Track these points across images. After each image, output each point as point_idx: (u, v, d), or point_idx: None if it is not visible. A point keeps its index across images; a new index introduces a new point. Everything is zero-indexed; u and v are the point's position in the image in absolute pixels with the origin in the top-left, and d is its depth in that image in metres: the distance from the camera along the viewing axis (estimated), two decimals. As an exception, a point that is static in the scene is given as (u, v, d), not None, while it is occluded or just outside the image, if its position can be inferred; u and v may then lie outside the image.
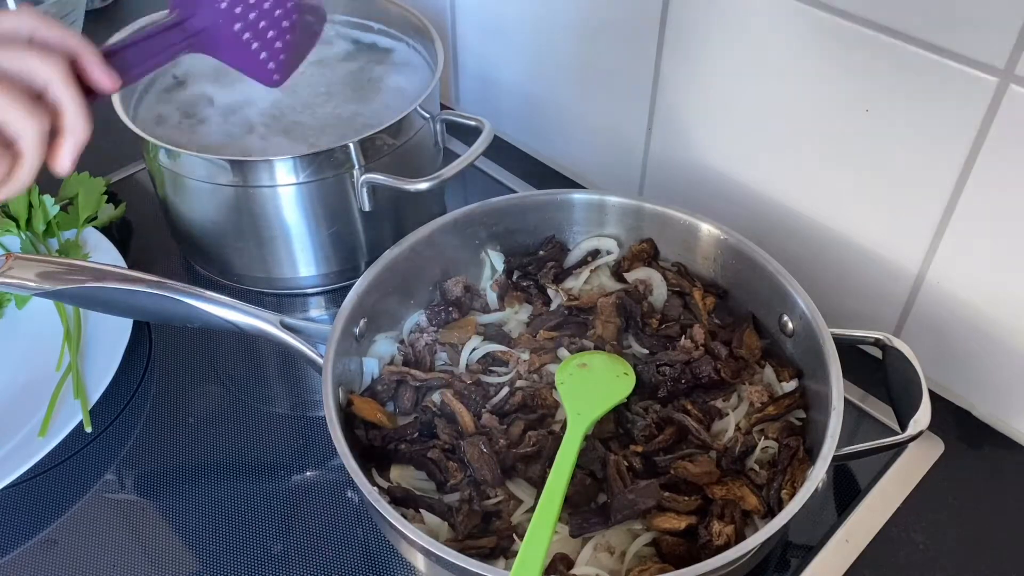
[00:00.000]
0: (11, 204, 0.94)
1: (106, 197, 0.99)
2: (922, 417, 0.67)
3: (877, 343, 0.72)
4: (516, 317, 0.83)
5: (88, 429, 0.78)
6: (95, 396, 0.79)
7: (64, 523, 0.75)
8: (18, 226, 0.94)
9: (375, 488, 0.63)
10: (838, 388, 0.68)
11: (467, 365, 0.78)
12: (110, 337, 0.84)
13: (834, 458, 0.64)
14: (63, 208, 0.97)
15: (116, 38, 0.58)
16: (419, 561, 0.69)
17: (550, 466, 0.65)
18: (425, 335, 0.80)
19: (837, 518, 0.74)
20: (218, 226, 0.88)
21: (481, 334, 0.80)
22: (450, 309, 0.81)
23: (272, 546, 0.73)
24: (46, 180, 1.02)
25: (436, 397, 0.76)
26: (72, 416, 0.78)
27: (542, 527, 0.61)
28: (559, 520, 0.63)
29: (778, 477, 0.68)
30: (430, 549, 0.60)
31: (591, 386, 0.74)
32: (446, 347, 0.80)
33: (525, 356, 0.78)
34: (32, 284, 0.70)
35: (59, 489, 0.77)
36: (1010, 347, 0.76)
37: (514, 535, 0.67)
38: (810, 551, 0.72)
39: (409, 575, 0.71)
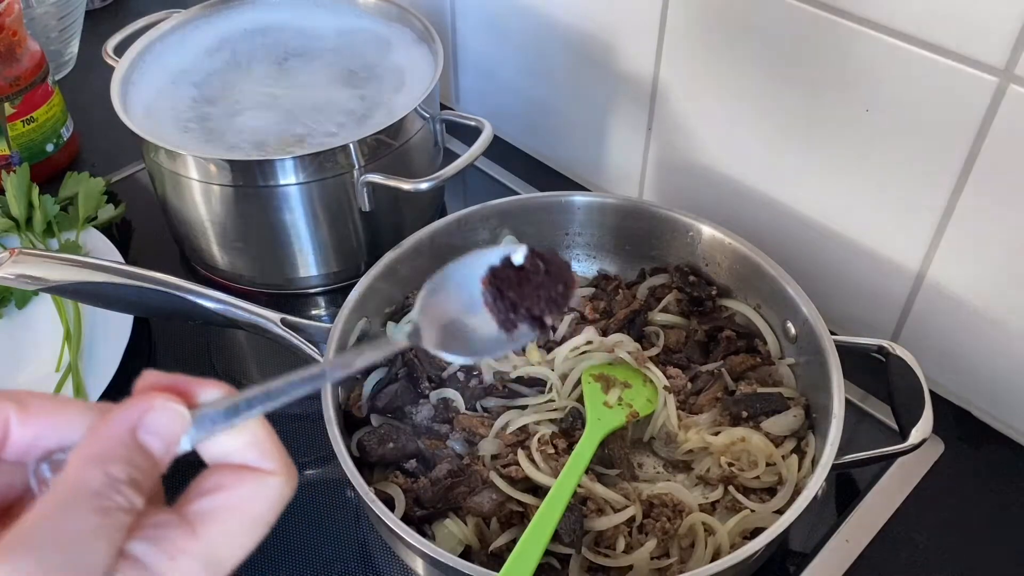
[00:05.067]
0: (11, 204, 0.94)
1: (106, 197, 0.99)
2: (924, 426, 0.67)
3: (880, 350, 0.72)
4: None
5: (88, 430, 0.78)
6: (95, 397, 0.79)
7: (64, 523, 0.75)
8: (18, 226, 0.94)
9: (372, 489, 0.63)
10: (839, 396, 0.68)
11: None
12: (110, 338, 0.84)
13: (834, 466, 0.65)
14: (63, 208, 0.97)
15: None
16: (417, 564, 0.69)
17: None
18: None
19: (837, 518, 0.74)
20: (218, 226, 0.88)
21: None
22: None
23: (271, 546, 0.73)
24: (46, 180, 1.03)
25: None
26: (72, 416, 0.78)
27: (543, 525, 0.62)
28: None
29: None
30: (426, 552, 0.60)
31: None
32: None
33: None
34: (36, 278, 0.70)
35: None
36: (1010, 347, 0.76)
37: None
38: (810, 552, 0.72)
39: (407, 574, 0.71)
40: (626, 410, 0.72)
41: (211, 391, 0.33)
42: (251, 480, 0.32)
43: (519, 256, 0.44)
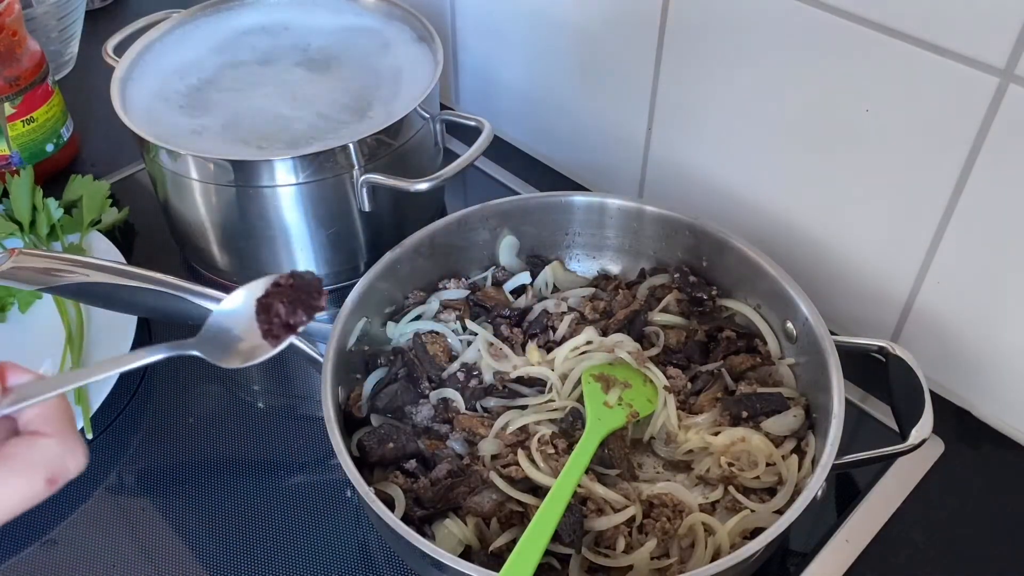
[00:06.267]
0: (15, 207, 0.94)
1: (110, 201, 0.99)
2: (924, 426, 0.67)
3: (881, 351, 0.72)
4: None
5: (89, 436, 0.78)
6: (97, 402, 0.79)
7: (65, 523, 0.75)
8: (22, 229, 0.94)
9: (372, 489, 0.64)
10: (839, 396, 0.68)
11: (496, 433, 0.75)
12: (112, 342, 0.83)
13: (834, 466, 0.65)
14: (67, 211, 0.97)
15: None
16: (417, 564, 0.69)
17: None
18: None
19: (837, 518, 0.74)
20: (218, 226, 0.88)
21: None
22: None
23: (272, 546, 0.73)
24: (46, 180, 1.03)
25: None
26: (73, 421, 0.78)
27: (543, 525, 0.62)
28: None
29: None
30: (426, 552, 0.60)
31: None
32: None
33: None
34: (35, 279, 0.70)
35: (60, 489, 0.77)
36: (1010, 347, 0.76)
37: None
38: (810, 552, 0.72)
39: (407, 574, 0.71)
40: (626, 410, 0.72)
41: (22, 376, 0.43)
42: (27, 439, 0.41)
43: (279, 279, 0.54)
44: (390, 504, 0.67)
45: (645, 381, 0.75)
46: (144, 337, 0.89)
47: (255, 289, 0.55)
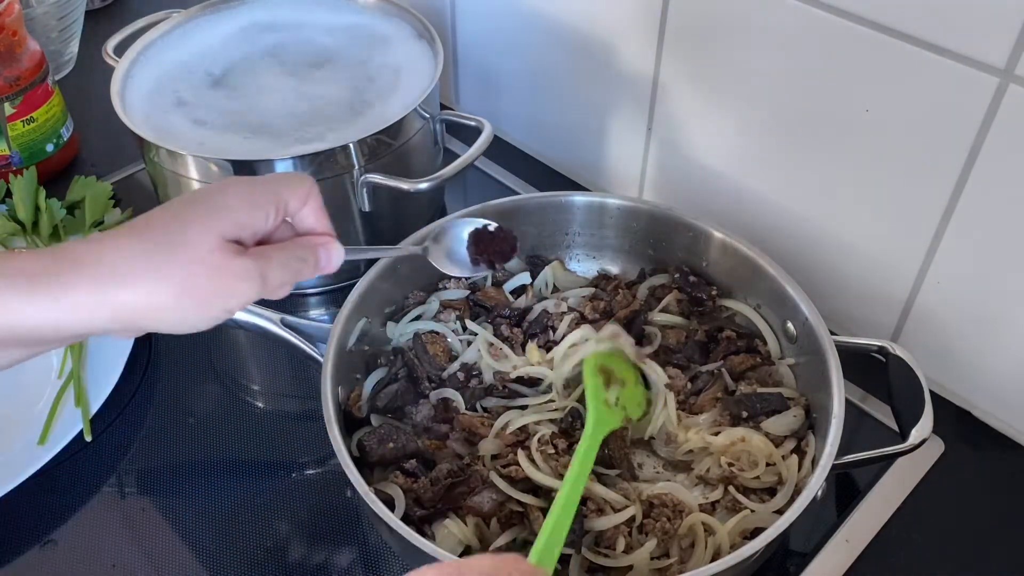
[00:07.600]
0: (18, 208, 0.94)
1: (113, 202, 0.99)
2: (924, 426, 0.67)
3: (880, 351, 0.72)
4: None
5: (88, 438, 0.78)
6: (96, 404, 0.79)
7: (65, 524, 0.75)
8: (24, 230, 0.94)
9: (372, 489, 0.64)
10: (839, 396, 0.68)
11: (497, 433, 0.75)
12: (112, 345, 0.83)
13: (834, 466, 0.65)
14: (70, 212, 0.97)
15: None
16: (417, 564, 0.69)
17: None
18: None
19: (837, 518, 0.74)
20: (218, 226, 0.88)
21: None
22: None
23: (272, 546, 0.73)
24: (53, 184, 1.03)
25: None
26: (73, 424, 0.78)
27: (560, 528, 0.61)
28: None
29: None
30: (426, 552, 0.60)
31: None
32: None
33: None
34: None
35: (60, 489, 0.77)
36: (1010, 347, 0.76)
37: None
38: (810, 552, 0.72)
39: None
40: (622, 412, 0.72)
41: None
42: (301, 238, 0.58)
43: (488, 227, 0.73)
44: (390, 504, 0.67)
45: (637, 382, 0.75)
46: (144, 337, 0.89)
47: (469, 225, 0.73)
